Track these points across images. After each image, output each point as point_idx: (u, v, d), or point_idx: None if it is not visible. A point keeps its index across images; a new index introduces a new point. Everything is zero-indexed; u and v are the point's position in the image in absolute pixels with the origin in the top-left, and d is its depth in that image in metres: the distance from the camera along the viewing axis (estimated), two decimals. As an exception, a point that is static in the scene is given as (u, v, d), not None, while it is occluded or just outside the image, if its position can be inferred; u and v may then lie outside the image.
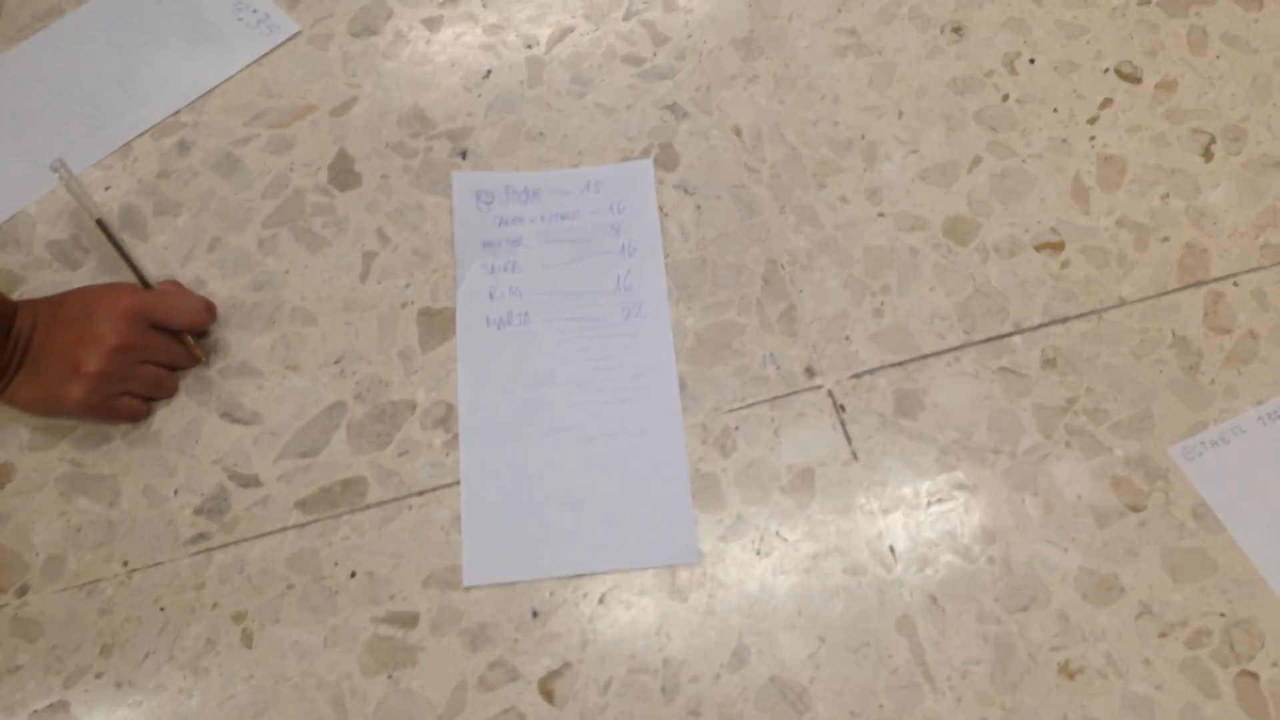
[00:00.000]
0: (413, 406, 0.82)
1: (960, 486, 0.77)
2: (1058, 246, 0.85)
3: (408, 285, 0.86)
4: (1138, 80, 0.91)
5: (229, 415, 0.82)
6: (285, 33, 0.96)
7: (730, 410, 0.81)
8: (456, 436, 0.80)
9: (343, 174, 0.91)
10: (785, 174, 0.89)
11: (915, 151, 0.90)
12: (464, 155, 0.91)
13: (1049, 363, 0.81)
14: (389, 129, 0.93)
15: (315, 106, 0.94)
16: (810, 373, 0.81)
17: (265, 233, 0.88)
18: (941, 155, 0.89)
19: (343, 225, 0.88)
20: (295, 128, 0.93)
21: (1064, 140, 0.89)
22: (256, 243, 0.88)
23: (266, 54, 0.96)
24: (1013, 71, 0.92)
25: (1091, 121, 0.90)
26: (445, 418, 0.81)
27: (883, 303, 0.84)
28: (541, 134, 0.92)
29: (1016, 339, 0.82)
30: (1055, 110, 0.90)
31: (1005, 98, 0.91)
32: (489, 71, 0.95)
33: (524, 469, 0.80)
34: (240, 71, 0.96)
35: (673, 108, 0.93)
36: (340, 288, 0.86)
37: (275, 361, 0.83)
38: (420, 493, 0.79)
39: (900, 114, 0.91)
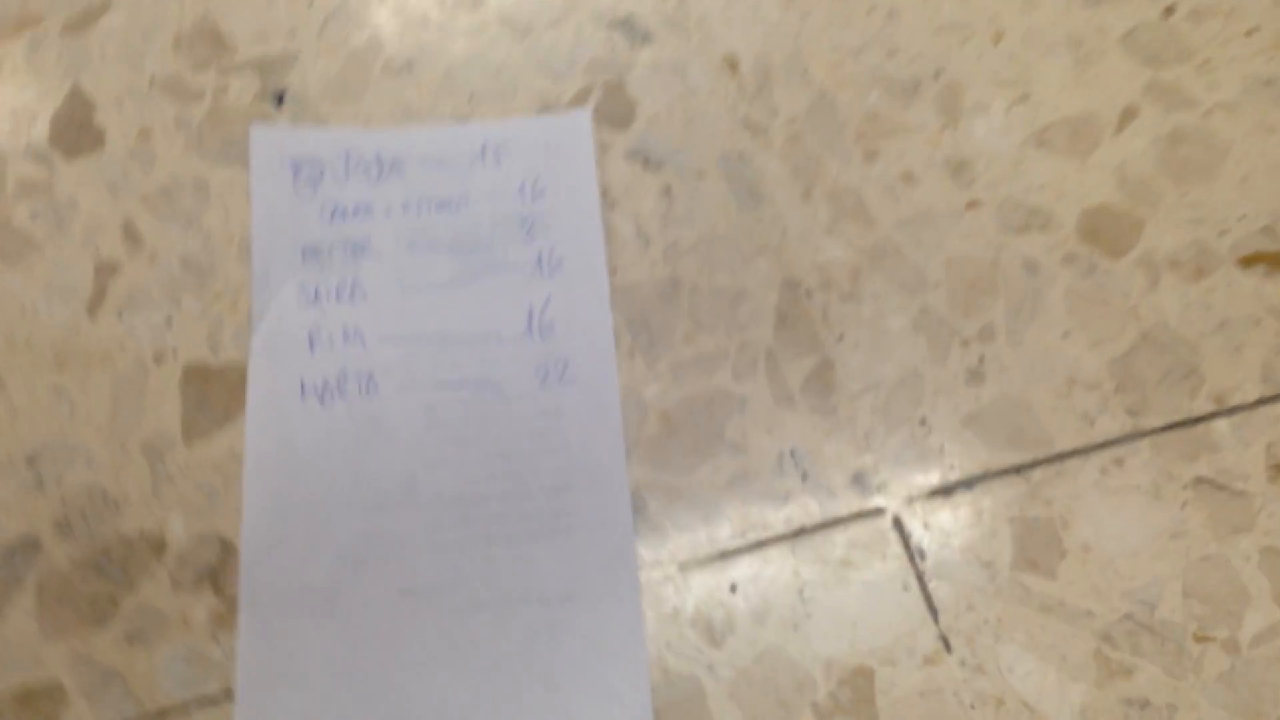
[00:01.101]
0: (160, 545, 0.45)
1: (1141, 705, 0.42)
2: (1277, 260, 0.49)
3: (168, 322, 0.49)
4: (1394, -19, 0.55)
5: None
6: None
7: (722, 553, 0.45)
8: (234, 603, 0.44)
9: (74, 129, 0.54)
10: (812, 135, 0.53)
11: (1026, 98, 0.54)
12: (280, 100, 0.54)
13: (1281, 471, 0.46)
14: (157, 55, 0.56)
15: (39, 17, 0.56)
16: (861, 484, 0.46)
17: (-70, 229, 0.51)
18: (1070, 105, 0.53)
19: (65, 216, 0.51)
20: (1, 51, 0.56)
21: (1269, 80, 0.53)
22: (-88, 247, 0.51)
23: (-49, -72, 0.58)
24: (1183, -33, 0.56)
25: (1321, 50, 0.54)
26: (216, 568, 0.45)
27: (982, 358, 0.48)
28: (409, 65, 0.55)
29: (1222, 424, 0.47)
30: (1252, 31, 0.54)
31: (1169, 10, 0.55)
32: (324, -38, 0.58)
33: (354, 666, 0.44)
34: (-96, -44, 0.58)
35: (626, 25, 0.56)
36: (50, 325, 0.49)
37: (-78, 461, 0.47)
38: (160, 712, 0.43)
39: (998, 36, 0.55)
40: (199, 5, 0.57)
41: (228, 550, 0.46)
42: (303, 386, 0.49)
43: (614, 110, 0.54)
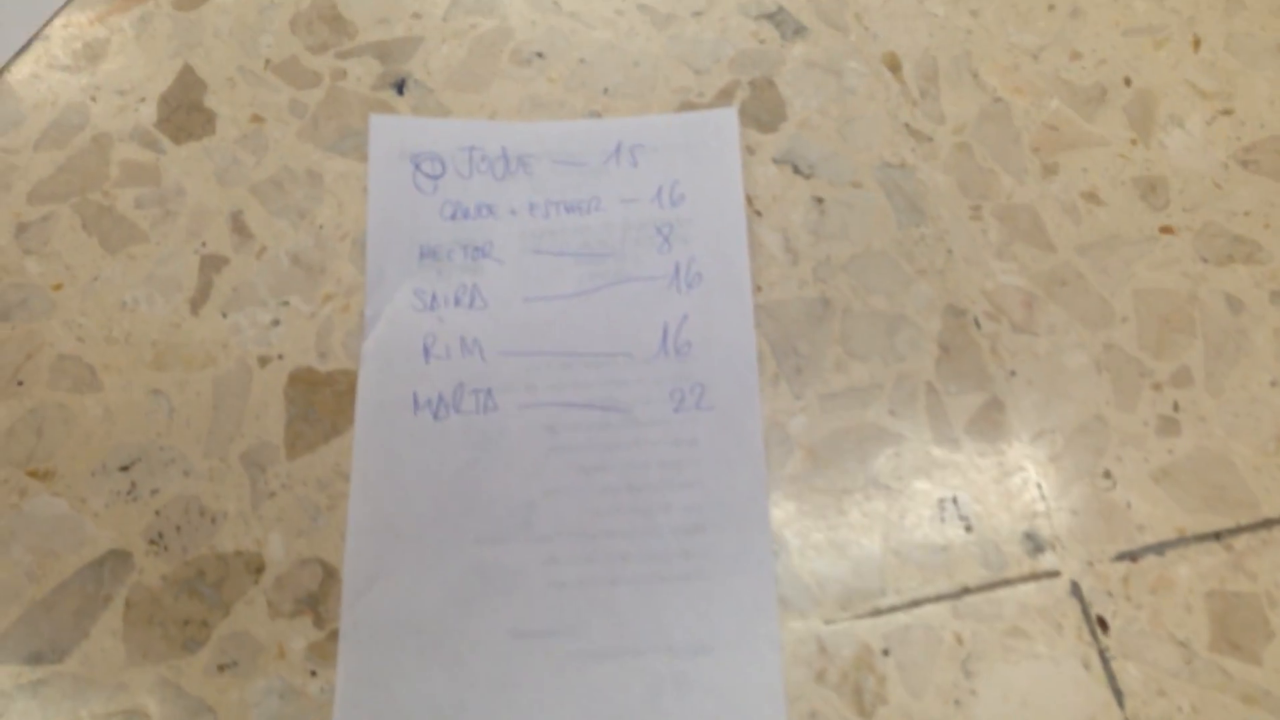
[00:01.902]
0: (258, 567, 0.42)
1: (1357, 817, 0.36)
2: None
3: (275, 323, 0.46)
4: None
5: (-85, 563, 0.42)
6: None
7: (874, 610, 0.40)
8: (334, 635, 0.40)
9: (183, 111, 0.50)
10: (982, 146, 0.48)
11: (1229, 112, 0.48)
12: (401, 87, 0.50)
13: None
14: (273, 35, 0.52)
15: (151, -8, 0.54)
16: (1034, 542, 0.41)
17: (31, 211, 0.48)
18: (1278, 120, 0.47)
19: (172, 206, 0.48)
20: (110, 25, 0.52)
21: None
22: (12, 228, 0.48)
23: (67, -105, 0.55)
24: None
25: None
26: (317, 596, 0.41)
27: (1176, 405, 0.42)
28: (540, 54, 0.51)
29: None
30: None
31: (1398, 19, 0.49)
32: (454, -60, 0.54)
33: (460, 713, 0.40)
34: (18, -77, 0.55)
35: (777, 17, 0.52)
36: (152, 322, 0.46)
37: (9, 461, 0.43)
38: (256, 747, 0.39)
39: (1197, 41, 0.49)
40: (320, -16, 0.53)
41: (330, 576, 0.42)
42: (416, 399, 0.45)
43: (762, 110, 0.50)
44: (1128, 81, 0.49)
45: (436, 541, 0.42)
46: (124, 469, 0.43)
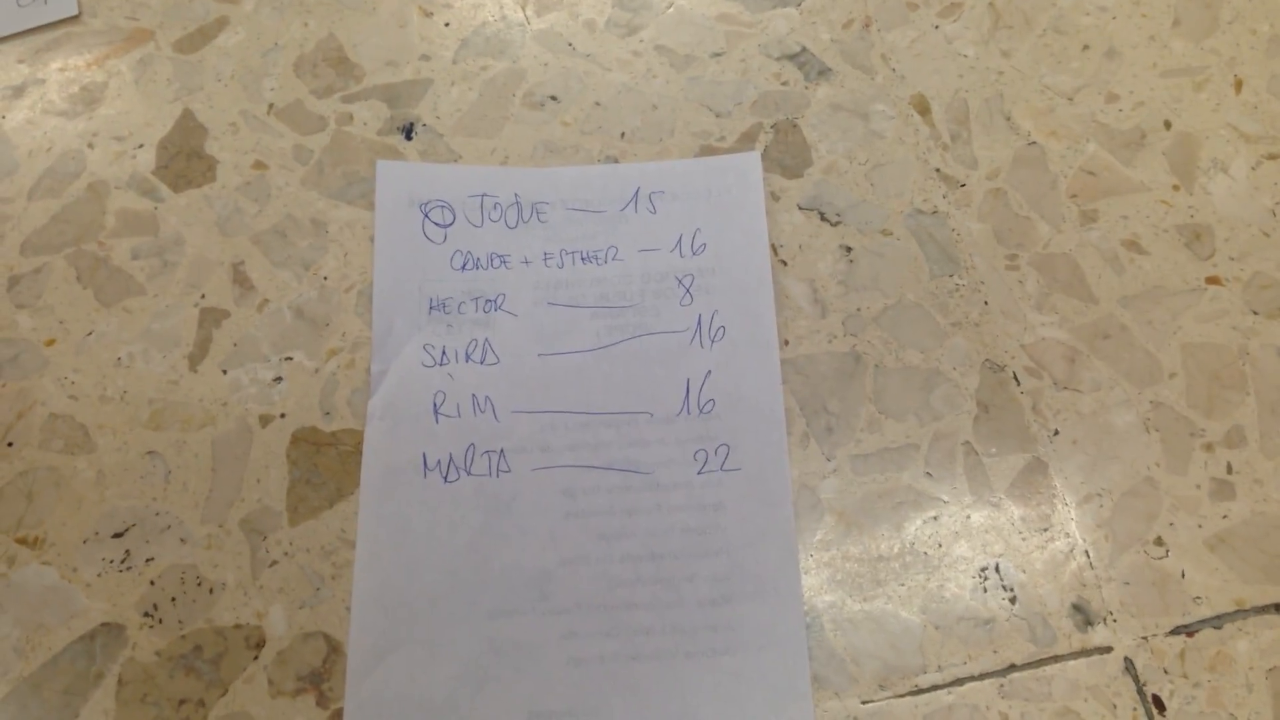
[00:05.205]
0: (258, 642, 0.39)
1: None
2: None
3: (277, 381, 0.43)
4: None
5: (-104, 637, 0.40)
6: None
7: (915, 689, 0.37)
8: (339, 715, 0.38)
9: (183, 158, 0.48)
10: (1017, 191, 0.46)
11: (1275, 156, 0.45)
12: (409, 132, 0.48)
13: None
14: (277, 78, 0.50)
15: (150, 33, 0.51)
16: (1084, 614, 0.38)
17: (24, 263, 0.46)
18: (1330, 166, 0.45)
19: (170, 256, 0.46)
20: (109, 69, 0.51)
21: None
22: (4, 281, 0.46)
23: (65, -65, 0.53)
24: None
25: None
26: (320, 673, 0.39)
27: (1230, 467, 0.40)
28: (554, 97, 0.49)
29: None
30: None
31: None
32: (465, -20, 0.52)
33: (474, 800, 0.37)
34: (13, -36, 0.53)
35: (800, 58, 0.50)
36: (148, 379, 0.44)
37: (-2, 529, 0.41)
38: (256, 837, 0.37)
39: (1239, 83, 0.47)
40: (324, 25, 0.52)
41: (334, 652, 0.39)
42: (425, 461, 0.42)
43: (786, 155, 0.47)
44: (1167, 125, 0.47)
45: (447, 615, 0.40)
46: (117, 536, 0.41)
